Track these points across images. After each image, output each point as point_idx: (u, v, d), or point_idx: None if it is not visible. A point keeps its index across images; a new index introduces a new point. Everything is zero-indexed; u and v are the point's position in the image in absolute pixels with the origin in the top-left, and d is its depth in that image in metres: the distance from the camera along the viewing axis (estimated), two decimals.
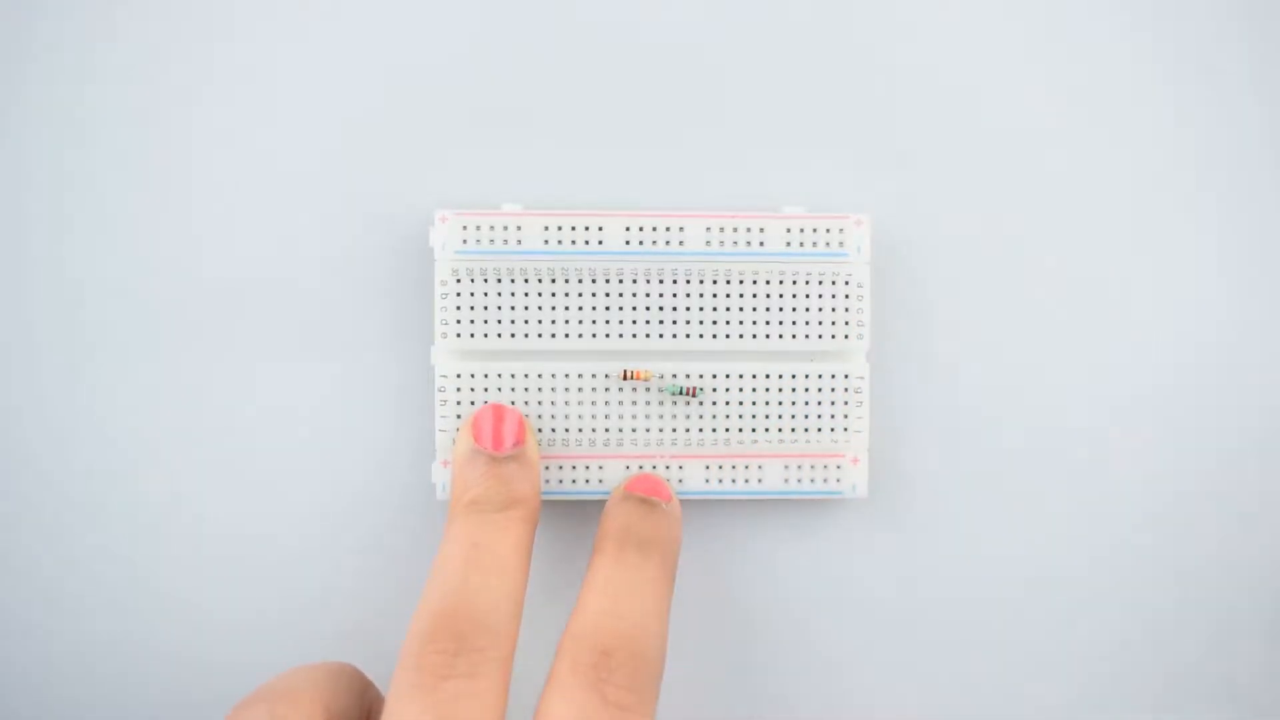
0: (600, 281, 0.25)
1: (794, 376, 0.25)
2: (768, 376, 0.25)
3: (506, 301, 0.25)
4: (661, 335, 0.25)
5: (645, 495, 0.24)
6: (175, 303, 0.26)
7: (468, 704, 0.19)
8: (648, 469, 0.25)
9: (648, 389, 0.25)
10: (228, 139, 0.26)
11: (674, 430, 0.25)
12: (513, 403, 0.25)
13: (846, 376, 0.25)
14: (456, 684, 0.19)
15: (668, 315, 0.25)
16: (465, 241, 0.25)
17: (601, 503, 0.25)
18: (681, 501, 0.26)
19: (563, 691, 0.19)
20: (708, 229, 0.25)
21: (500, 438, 0.23)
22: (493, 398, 0.25)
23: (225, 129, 0.26)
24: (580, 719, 0.19)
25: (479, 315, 0.25)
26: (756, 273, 0.25)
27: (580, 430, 0.25)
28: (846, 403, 0.25)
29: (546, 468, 0.25)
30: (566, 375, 0.25)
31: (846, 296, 0.25)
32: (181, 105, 0.26)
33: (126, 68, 0.26)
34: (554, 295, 0.25)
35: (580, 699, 0.19)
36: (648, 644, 0.20)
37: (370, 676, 0.22)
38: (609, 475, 0.25)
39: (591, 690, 0.19)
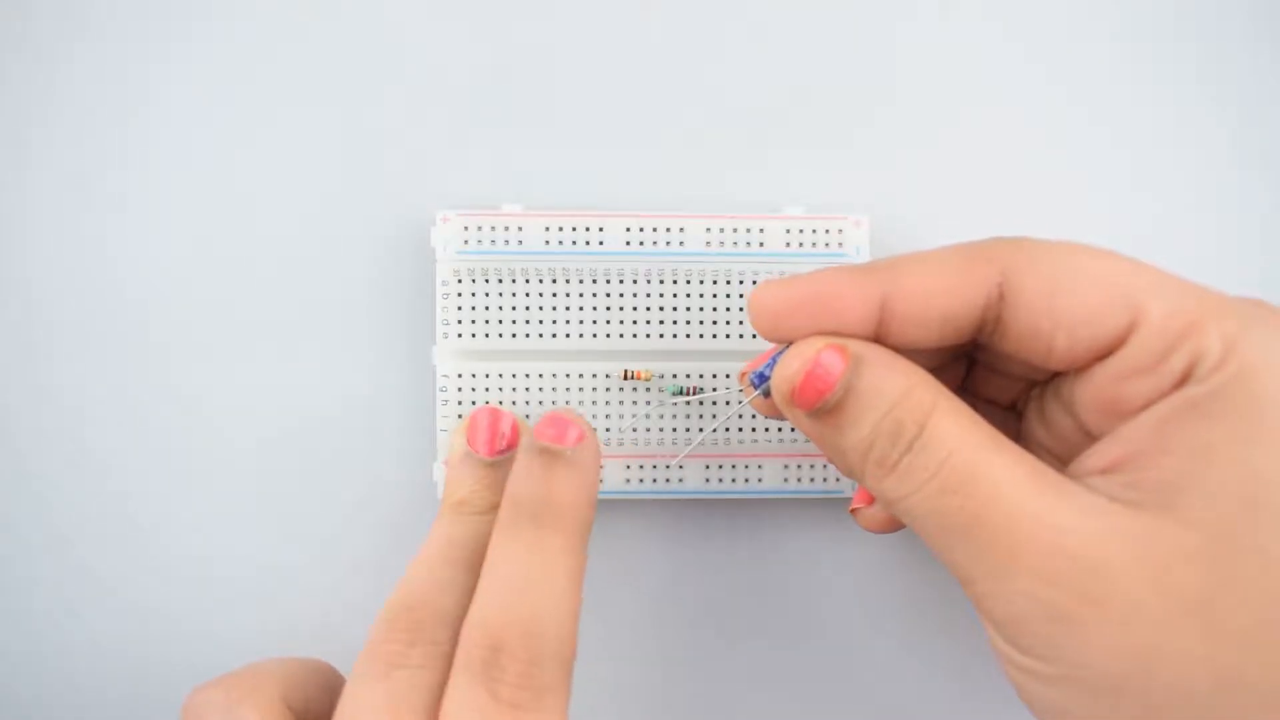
0: (600, 281, 0.25)
1: None
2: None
3: (507, 302, 0.25)
4: (661, 335, 0.25)
5: (547, 444, 0.20)
6: (176, 304, 0.26)
7: (418, 694, 0.19)
8: (648, 469, 0.25)
9: (648, 389, 0.25)
10: (229, 140, 0.26)
11: (674, 430, 0.25)
12: (513, 403, 0.25)
13: None
14: (409, 674, 0.19)
15: (668, 315, 0.25)
16: (466, 242, 0.25)
17: (602, 504, 0.25)
18: (681, 501, 0.26)
19: (456, 690, 0.18)
20: (708, 229, 0.25)
21: (493, 442, 0.23)
22: (493, 398, 0.25)
23: (226, 130, 0.26)
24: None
25: (480, 315, 0.25)
26: (756, 273, 0.25)
27: None
28: None
29: None
30: (566, 375, 0.25)
31: None
32: (183, 106, 0.26)
33: (127, 67, 0.26)
34: (554, 295, 0.25)
35: (472, 699, 0.18)
36: (545, 635, 0.19)
37: None
38: (609, 475, 0.25)
39: (483, 689, 0.18)
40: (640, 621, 0.27)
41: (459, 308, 0.25)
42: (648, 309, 0.25)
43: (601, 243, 0.25)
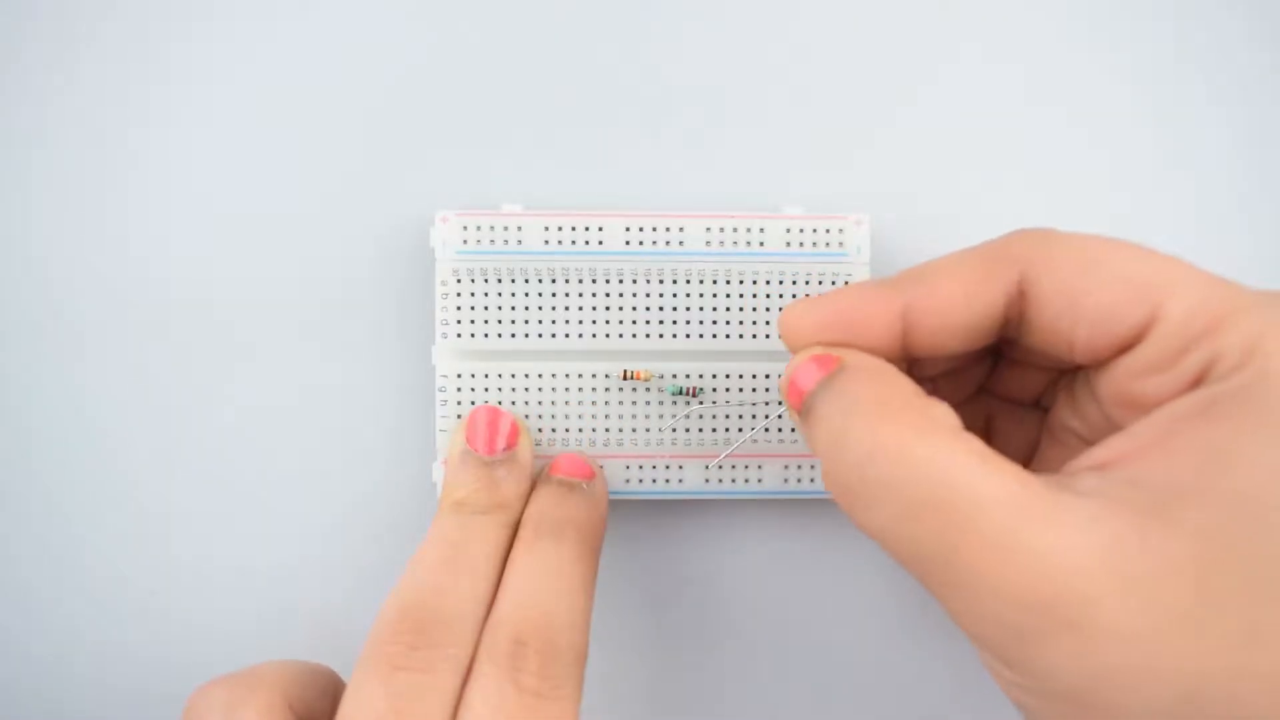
0: (600, 281, 0.25)
1: None
2: (768, 376, 0.25)
3: (507, 301, 0.25)
4: (661, 335, 0.25)
5: (565, 477, 0.24)
6: (177, 304, 0.26)
7: (420, 696, 0.19)
8: (648, 469, 0.25)
9: (648, 389, 0.25)
10: (228, 140, 0.26)
11: (674, 430, 0.25)
12: (513, 403, 0.25)
13: None
14: (411, 676, 0.19)
15: (668, 315, 0.25)
16: (466, 242, 0.25)
17: None
18: (681, 501, 0.26)
19: (480, 683, 0.19)
20: (708, 229, 0.25)
21: (492, 441, 0.23)
22: (493, 398, 0.25)
23: (226, 130, 0.26)
24: (497, 709, 0.19)
25: (479, 315, 0.25)
26: (756, 273, 0.25)
27: (580, 430, 0.25)
28: None
29: None
30: (566, 375, 0.25)
31: None
32: (182, 106, 0.26)
33: (128, 66, 0.26)
34: (554, 295, 0.25)
35: (496, 689, 0.19)
36: (561, 631, 0.20)
37: None
38: (609, 475, 0.25)
39: (506, 680, 0.19)
40: (640, 621, 0.27)
41: (458, 308, 0.25)
42: (648, 309, 0.25)
43: (601, 243, 0.25)
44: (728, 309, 0.25)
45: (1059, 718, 0.16)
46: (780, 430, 0.25)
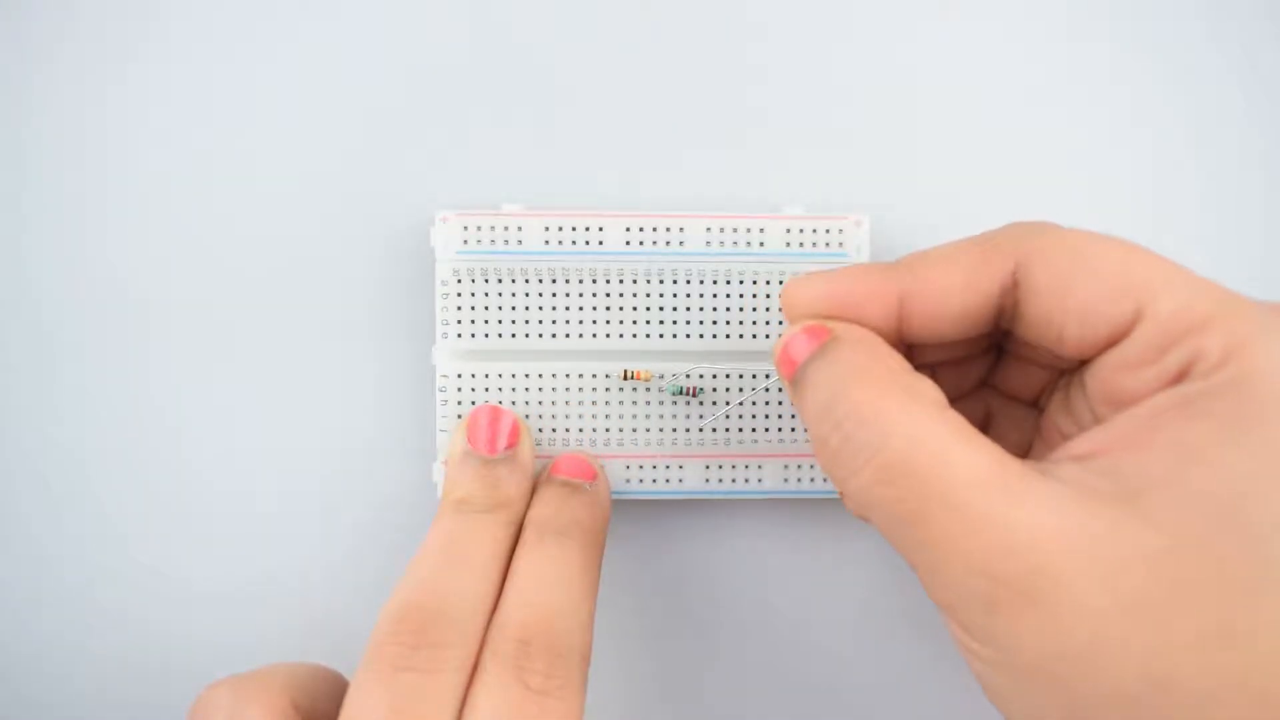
0: (600, 281, 0.25)
1: None
2: (768, 376, 0.25)
3: (507, 301, 0.25)
4: (661, 335, 0.25)
5: (568, 478, 0.24)
6: (177, 304, 0.26)
7: (422, 697, 0.19)
8: (648, 469, 0.25)
9: (648, 389, 0.25)
10: (227, 140, 0.26)
11: (674, 430, 0.25)
12: (513, 403, 0.25)
13: None
14: (413, 677, 0.19)
15: (668, 315, 0.25)
16: (466, 242, 0.25)
17: None
18: (681, 501, 0.26)
19: (486, 682, 0.20)
20: (708, 229, 0.25)
21: (493, 440, 0.23)
22: (493, 398, 0.25)
23: (225, 130, 0.26)
24: (503, 708, 0.19)
25: (479, 315, 0.25)
26: (756, 273, 0.25)
27: (580, 430, 0.25)
28: None
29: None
30: (566, 375, 0.25)
31: None
32: (181, 105, 0.26)
33: (126, 66, 0.26)
34: (554, 295, 0.25)
35: (502, 689, 0.19)
36: (566, 631, 0.20)
37: None
38: (609, 475, 0.25)
39: (513, 679, 0.19)
40: (640, 620, 0.27)
41: (458, 308, 0.25)
42: (648, 309, 0.25)
43: (601, 243, 0.25)
44: (728, 309, 0.25)
45: (1019, 695, 0.17)
46: (780, 430, 0.25)
